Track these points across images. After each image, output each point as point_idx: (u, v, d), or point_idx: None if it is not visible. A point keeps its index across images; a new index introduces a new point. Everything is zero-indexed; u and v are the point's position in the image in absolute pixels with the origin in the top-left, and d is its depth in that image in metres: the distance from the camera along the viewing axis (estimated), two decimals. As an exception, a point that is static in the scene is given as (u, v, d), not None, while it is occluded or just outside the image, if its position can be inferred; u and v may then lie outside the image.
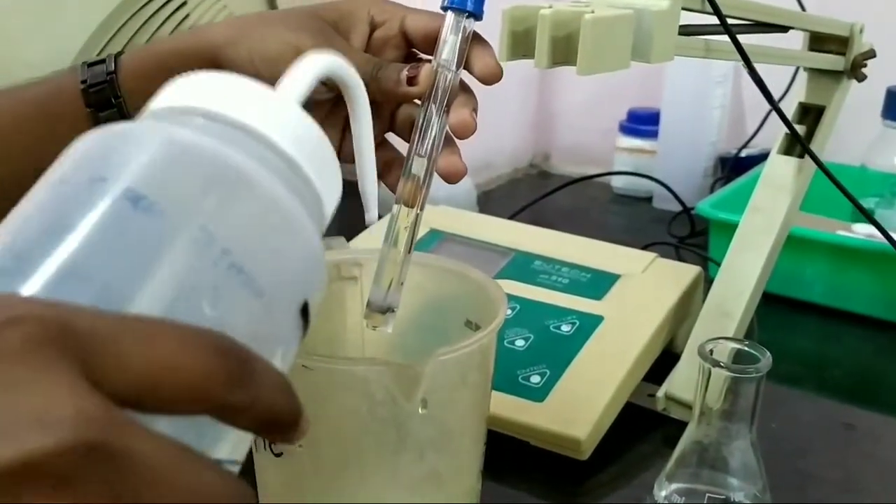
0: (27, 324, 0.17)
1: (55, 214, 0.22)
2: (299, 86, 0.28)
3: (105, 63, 0.43)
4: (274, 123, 0.25)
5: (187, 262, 0.22)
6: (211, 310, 0.22)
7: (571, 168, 1.20)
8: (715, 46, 0.46)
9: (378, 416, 0.38)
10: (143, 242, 0.22)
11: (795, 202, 0.60)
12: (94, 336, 0.18)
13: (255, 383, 0.20)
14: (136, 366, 0.18)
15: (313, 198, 0.26)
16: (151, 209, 0.22)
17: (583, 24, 0.37)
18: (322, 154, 0.27)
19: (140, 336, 0.19)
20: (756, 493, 0.43)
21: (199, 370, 0.19)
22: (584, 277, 0.65)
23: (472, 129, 0.41)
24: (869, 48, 0.60)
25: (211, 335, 0.20)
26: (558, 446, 0.53)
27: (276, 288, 0.24)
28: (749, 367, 0.42)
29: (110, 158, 0.23)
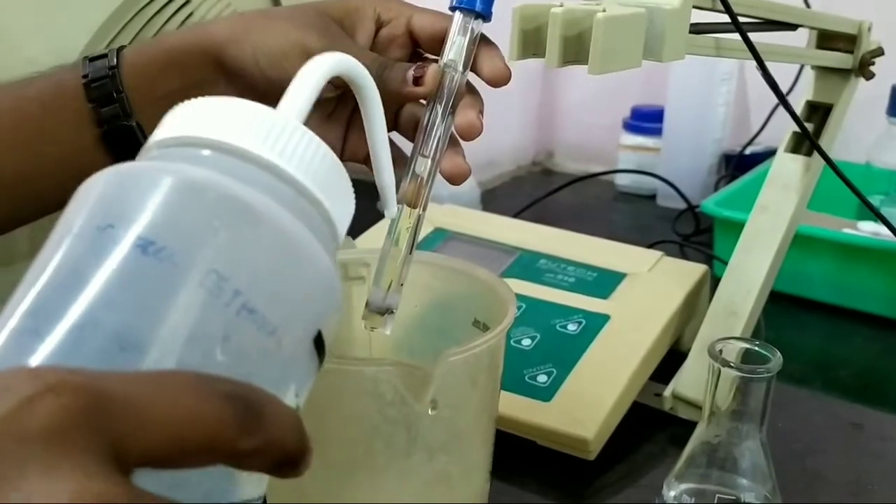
0: (59, 395, 0.18)
1: (66, 268, 0.22)
2: (304, 97, 0.28)
3: (107, 58, 0.42)
4: (280, 150, 0.25)
5: (199, 307, 0.21)
6: (223, 354, 0.22)
7: (575, 166, 1.20)
8: (725, 45, 0.46)
9: (388, 417, 0.38)
10: (154, 289, 0.21)
11: (803, 201, 0.60)
12: (121, 405, 0.18)
13: (265, 428, 0.20)
14: (160, 430, 0.19)
15: (325, 221, 0.26)
16: (160, 254, 0.22)
17: (595, 23, 0.36)
18: (331, 173, 0.26)
19: (163, 399, 0.19)
20: (766, 493, 0.43)
21: (215, 424, 0.19)
22: (590, 276, 0.65)
23: (479, 131, 0.41)
24: (877, 46, 0.59)
25: (222, 384, 0.20)
26: (565, 446, 0.53)
27: (289, 323, 0.23)
28: (759, 368, 0.41)
29: (117, 204, 0.23)
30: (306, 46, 0.40)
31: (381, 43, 0.43)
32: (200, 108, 0.26)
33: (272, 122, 0.25)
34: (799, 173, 0.60)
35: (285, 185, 0.25)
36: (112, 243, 0.22)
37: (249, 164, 0.24)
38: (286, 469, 0.21)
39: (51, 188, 0.43)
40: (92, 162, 0.43)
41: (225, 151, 0.24)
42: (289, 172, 0.25)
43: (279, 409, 0.21)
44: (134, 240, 0.22)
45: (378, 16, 0.43)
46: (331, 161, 0.26)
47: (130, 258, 0.21)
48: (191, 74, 0.42)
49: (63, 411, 0.18)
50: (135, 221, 0.22)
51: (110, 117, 0.42)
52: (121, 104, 0.42)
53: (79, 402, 0.18)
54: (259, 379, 0.22)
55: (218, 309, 0.22)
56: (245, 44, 0.41)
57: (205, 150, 0.25)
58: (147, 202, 0.22)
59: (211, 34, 0.42)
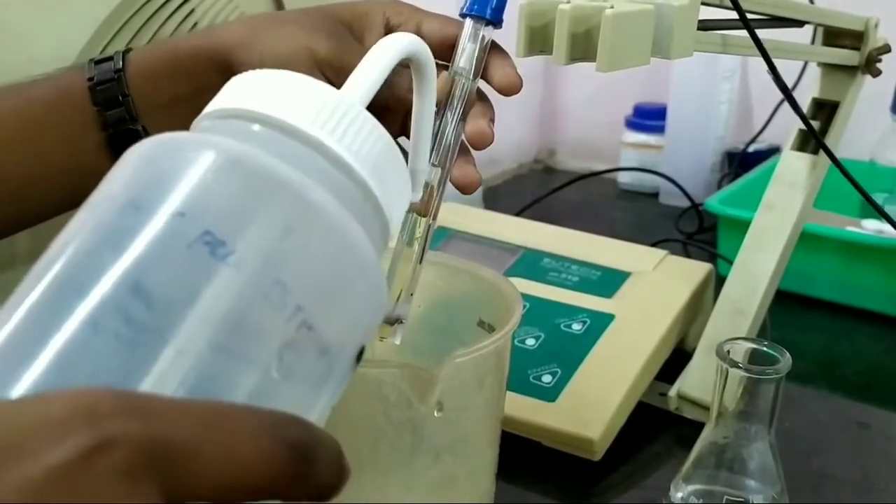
0: (117, 449, 0.17)
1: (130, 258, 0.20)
2: (371, 80, 0.26)
3: (113, 60, 0.42)
4: (339, 133, 0.23)
5: (262, 321, 0.20)
6: (278, 372, 0.21)
7: (577, 163, 1.19)
8: (731, 41, 0.46)
9: (393, 419, 0.37)
10: (218, 299, 0.20)
11: (809, 199, 0.60)
12: (177, 452, 0.18)
13: (316, 475, 0.20)
14: (212, 480, 0.18)
15: (382, 225, 0.25)
16: (228, 260, 0.20)
17: (603, 20, 0.36)
18: (390, 165, 0.25)
19: (220, 445, 0.19)
20: (774, 495, 0.43)
21: (270, 473, 0.19)
22: (594, 275, 0.65)
23: (490, 140, 0.40)
24: (884, 43, 0.59)
25: (283, 428, 0.19)
26: (571, 446, 0.52)
27: (342, 343, 0.22)
28: (768, 369, 0.41)
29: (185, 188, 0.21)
30: (314, 50, 0.40)
31: None
32: (264, 80, 0.24)
33: (335, 103, 0.24)
34: (805, 171, 0.59)
35: (354, 185, 0.23)
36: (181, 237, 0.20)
37: (323, 159, 0.23)
38: (321, 501, 0.21)
39: (55, 191, 0.43)
40: (97, 165, 0.43)
41: (294, 136, 0.23)
42: (360, 174, 0.23)
43: (330, 453, 0.20)
44: (202, 237, 0.20)
45: (387, 20, 0.42)
46: (391, 151, 0.25)
47: (199, 259, 0.20)
48: (198, 79, 0.42)
49: (123, 469, 0.17)
50: (205, 211, 0.20)
51: (116, 121, 0.42)
52: (126, 107, 0.42)
53: (138, 457, 0.17)
54: (304, 397, 0.21)
55: (279, 324, 0.21)
56: (253, 48, 0.40)
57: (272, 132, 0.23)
58: (221, 188, 0.21)
59: (219, 39, 0.41)
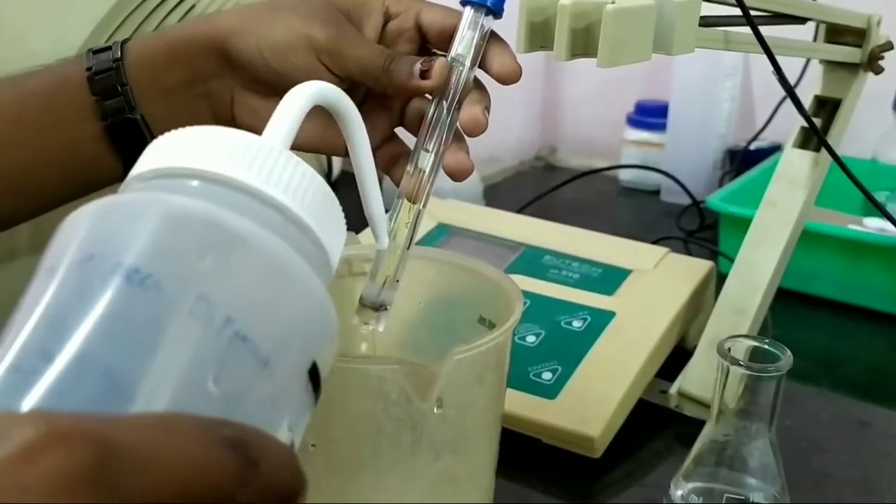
0: (65, 446, 0.17)
1: (49, 306, 0.21)
2: (287, 125, 0.27)
3: (111, 50, 0.42)
4: (266, 175, 0.24)
5: (190, 336, 0.20)
6: (215, 386, 0.21)
7: (578, 161, 1.19)
8: (734, 38, 0.45)
9: (393, 416, 0.37)
10: (142, 320, 0.20)
11: (811, 197, 0.59)
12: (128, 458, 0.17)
13: (262, 475, 0.19)
14: (166, 485, 0.18)
15: (317, 248, 0.25)
16: (146, 282, 0.21)
17: (604, 16, 0.36)
18: (320, 200, 0.25)
19: (170, 450, 0.18)
20: (775, 493, 0.43)
21: (218, 475, 0.18)
22: (595, 272, 0.64)
23: (483, 127, 0.40)
24: (886, 40, 0.59)
25: (224, 429, 0.19)
26: (571, 444, 0.52)
27: (283, 353, 0.22)
28: (769, 366, 0.41)
29: (98, 235, 0.22)
30: (311, 38, 0.40)
31: (390, 36, 0.42)
32: (181, 138, 0.25)
33: (257, 148, 0.24)
34: (807, 169, 0.59)
35: (274, 211, 0.24)
36: (94, 274, 0.21)
37: (236, 191, 0.23)
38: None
39: (55, 181, 0.43)
40: (96, 155, 0.43)
41: (209, 180, 0.23)
42: (276, 198, 0.24)
43: (275, 452, 0.20)
44: (116, 268, 0.21)
45: (387, 8, 0.42)
46: (320, 187, 0.25)
47: (114, 289, 0.20)
48: (196, 67, 0.42)
49: (68, 465, 0.16)
50: (117, 251, 0.21)
51: (114, 110, 0.42)
52: (125, 97, 0.42)
53: (85, 456, 0.17)
54: (251, 412, 0.21)
55: (209, 337, 0.21)
56: (250, 35, 0.40)
57: (189, 181, 0.24)
58: (129, 231, 0.21)
59: (216, 26, 0.42)
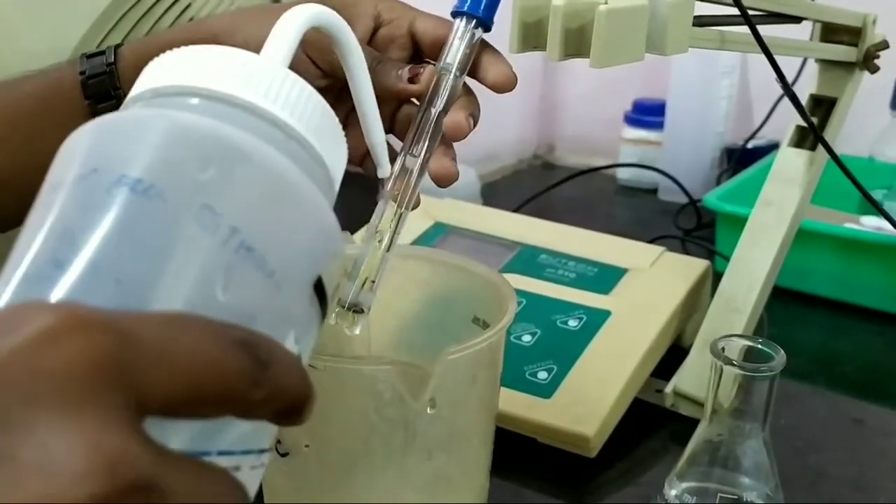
0: (85, 334, 0.17)
1: (58, 219, 0.21)
2: (285, 45, 0.27)
3: (105, 55, 0.43)
4: (264, 92, 0.24)
5: (196, 244, 0.21)
6: (223, 294, 0.21)
7: (576, 159, 1.19)
8: (729, 37, 0.45)
9: (386, 416, 0.37)
10: (148, 228, 0.21)
11: (807, 195, 0.59)
12: (145, 350, 0.18)
13: (273, 377, 0.20)
14: (181, 379, 0.18)
15: (317, 164, 0.25)
16: (150, 192, 0.21)
17: (597, 16, 0.36)
18: (320, 116, 0.26)
19: (185, 346, 0.19)
20: (768, 492, 0.43)
21: (230, 374, 0.19)
22: (591, 271, 0.64)
23: (465, 133, 0.40)
24: (882, 39, 0.59)
25: (235, 331, 0.20)
26: (566, 443, 0.52)
27: (288, 265, 0.23)
28: (763, 366, 0.41)
29: (99, 150, 0.22)
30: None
31: (380, 42, 0.42)
32: (179, 58, 0.25)
33: (256, 66, 0.25)
34: (803, 168, 0.59)
35: (274, 127, 0.24)
36: (98, 187, 0.21)
37: (236, 108, 0.24)
38: (289, 417, 0.21)
39: None
40: None
41: (209, 98, 0.24)
42: (276, 114, 0.24)
43: (285, 358, 0.21)
44: (120, 180, 0.21)
45: (378, 14, 0.42)
46: (318, 104, 0.26)
47: (119, 199, 0.21)
48: None
49: (88, 352, 0.17)
50: (120, 163, 0.21)
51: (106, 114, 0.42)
52: (118, 101, 0.42)
53: (105, 345, 0.17)
54: (259, 322, 0.21)
55: (216, 246, 0.21)
56: (237, 35, 0.41)
57: (189, 98, 0.24)
58: (131, 145, 0.22)
59: (207, 28, 0.42)
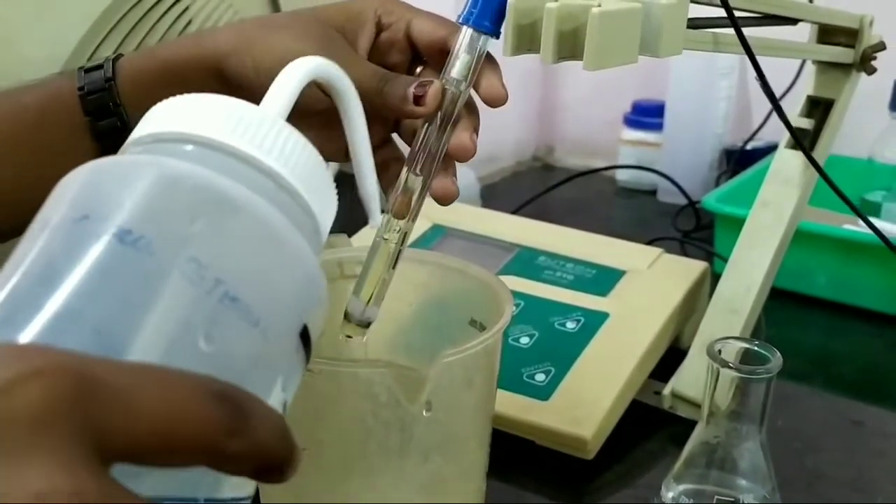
0: (46, 378, 0.17)
1: (42, 261, 0.21)
2: (284, 98, 0.27)
3: (103, 69, 0.42)
4: (258, 142, 0.25)
5: (180, 296, 0.21)
6: (207, 345, 0.21)
7: (575, 161, 1.19)
8: (723, 40, 0.45)
9: (382, 419, 0.37)
10: (132, 279, 0.21)
11: (804, 197, 0.60)
12: (109, 393, 0.18)
13: (252, 430, 0.19)
14: (147, 424, 0.18)
15: (307, 215, 0.26)
16: (138, 244, 0.21)
17: (590, 18, 0.36)
18: (312, 168, 0.26)
19: (152, 390, 0.18)
20: (765, 494, 0.43)
21: (203, 423, 0.19)
22: (589, 273, 0.64)
23: (471, 154, 0.40)
24: (878, 41, 0.59)
25: (211, 383, 0.19)
26: (564, 445, 0.52)
27: (273, 314, 0.23)
28: (759, 368, 0.41)
29: (92, 195, 0.22)
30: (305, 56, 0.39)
31: (381, 47, 0.42)
32: (180, 104, 0.25)
33: (252, 117, 0.25)
34: (800, 169, 0.59)
35: (266, 178, 0.24)
36: (87, 234, 0.21)
37: (230, 157, 0.24)
38: (271, 475, 0.21)
39: None
40: None
41: (204, 145, 0.24)
42: (268, 165, 0.24)
43: (266, 413, 0.20)
44: (110, 229, 0.21)
45: (379, 18, 0.42)
46: (311, 155, 0.26)
47: (106, 248, 0.21)
48: (191, 86, 0.41)
49: (48, 397, 0.17)
50: (111, 212, 0.22)
51: (107, 130, 0.41)
52: (119, 117, 0.41)
53: (65, 388, 0.17)
54: (244, 373, 0.21)
55: (200, 298, 0.21)
56: (246, 56, 0.40)
57: (184, 145, 0.24)
58: (123, 193, 0.22)
59: (211, 46, 0.41)
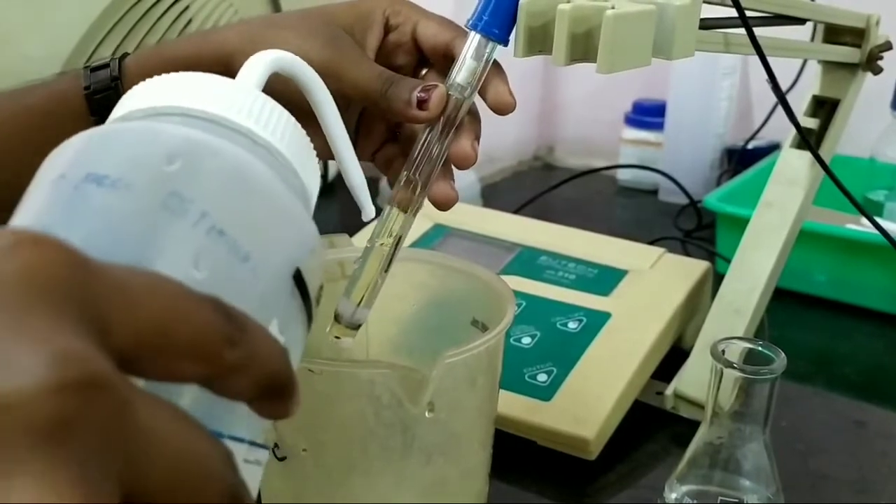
0: (42, 248, 0.16)
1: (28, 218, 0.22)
2: (255, 75, 0.29)
3: (109, 68, 0.42)
4: (238, 108, 0.25)
5: (166, 228, 0.21)
6: (198, 273, 0.21)
7: (576, 160, 1.19)
8: (734, 40, 0.45)
9: (384, 420, 0.37)
10: (115, 216, 0.21)
11: (808, 197, 0.59)
12: (109, 281, 0.17)
13: (249, 341, 0.19)
14: (147, 316, 0.17)
15: (291, 173, 0.26)
16: (117, 184, 0.21)
17: (604, 21, 0.35)
18: (290, 132, 0.27)
19: (149, 286, 0.18)
20: (769, 495, 0.43)
21: (202, 324, 0.18)
22: (591, 273, 0.64)
23: (472, 162, 0.40)
24: (885, 40, 0.58)
25: (209, 296, 0.19)
26: (566, 446, 0.52)
27: (262, 251, 0.23)
28: (763, 369, 0.41)
29: (67, 157, 0.23)
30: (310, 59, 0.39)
31: (389, 48, 0.42)
32: (153, 83, 0.27)
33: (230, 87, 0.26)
34: (804, 169, 0.59)
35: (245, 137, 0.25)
36: (67, 186, 0.21)
37: (208, 122, 0.25)
38: (272, 397, 0.20)
39: None
40: None
41: (183, 114, 0.25)
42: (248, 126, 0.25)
43: (264, 332, 0.20)
44: (87, 178, 0.21)
45: (387, 19, 0.42)
46: (289, 121, 0.27)
47: (85, 192, 0.21)
48: None
49: (46, 263, 0.16)
50: (87, 165, 0.22)
51: None
52: None
53: (65, 260, 0.16)
54: (236, 304, 0.21)
55: (186, 230, 0.21)
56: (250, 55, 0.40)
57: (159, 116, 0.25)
58: (101, 149, 0.22)
59: (217, 45, 0.41)
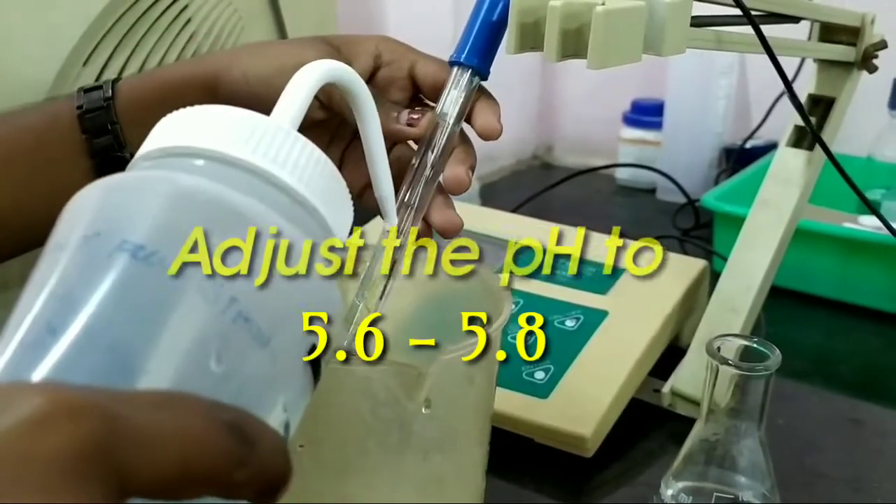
0: (72, 421, 0.17)
1: (56, 283, 0.21)
2: (296, 104, 0.27)
3: (102, 89, 0.43)
4: (272, 156, 0.24)
5: (195, 313, 0.21)
6: (217, 365, 0.21)
7: (574, 159, 1.19)
8: (726, 38, 0.45)
9: (381, 417, 0.37)
10: (147, 295, 0.20)
11: (804, 196, 0.59)
12: (132, 433, 0.18)
13: (256, 459, 0.20)
14: (168, 462, 0.18)
15: (322, 228, 0.25)
16: (151, 259, 0.21)
17: (594, 17, 0.36)
18: (326, 180, 0.25)
19: (171, 429, 0.19)
20: (765, 492, 0.43)
21: (218, 456, 0.19)
22: (588, 271, 0.64)
23: (466, 187, 0.41)
24: (880, 39, 0.59)
25: (223, 411, 0.20)
26: (563, 443, 0.52)
27: (283, 335, 0.22)
28: (758, 365, 0.41)
29: (103, 212, 0.22)
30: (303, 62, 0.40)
31: (380, 83, 0.43)
32: (189, 117, 0.25)
33: (264, 128, 0.24)
34: (800, 168, 0.59)
35: (279, 192, 0.24)
36: (99, 251, 0.21)
37: (242, 171, 0.24)
38: (266, 497, 0.21)
39: (43, 219, 0.43)
40: None
41: (216, 160, 0.24)
42: (282, 178, 0.24)
43: (270, 438, 0.21)
44: (122, 245, 0.21)
45: (379, 54, 0.42)
46: (326, 166, 0.25)
47: (120, 264, 0.21)
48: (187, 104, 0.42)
49: (75, 439, 0.17)
50: (122, 227, 0.21)
51: (103, 148, 0.42)
52: (114, 135, 0.42)
53: (93, 430, 0.17)
54: (248, 390, 0.21)
55: (214, 316, 0.21)
56: (235, 69, 0.41)
57: (196, 160, 0.24)
58: (134, 208, 0.22)
59: (207, 65, 0.42)
